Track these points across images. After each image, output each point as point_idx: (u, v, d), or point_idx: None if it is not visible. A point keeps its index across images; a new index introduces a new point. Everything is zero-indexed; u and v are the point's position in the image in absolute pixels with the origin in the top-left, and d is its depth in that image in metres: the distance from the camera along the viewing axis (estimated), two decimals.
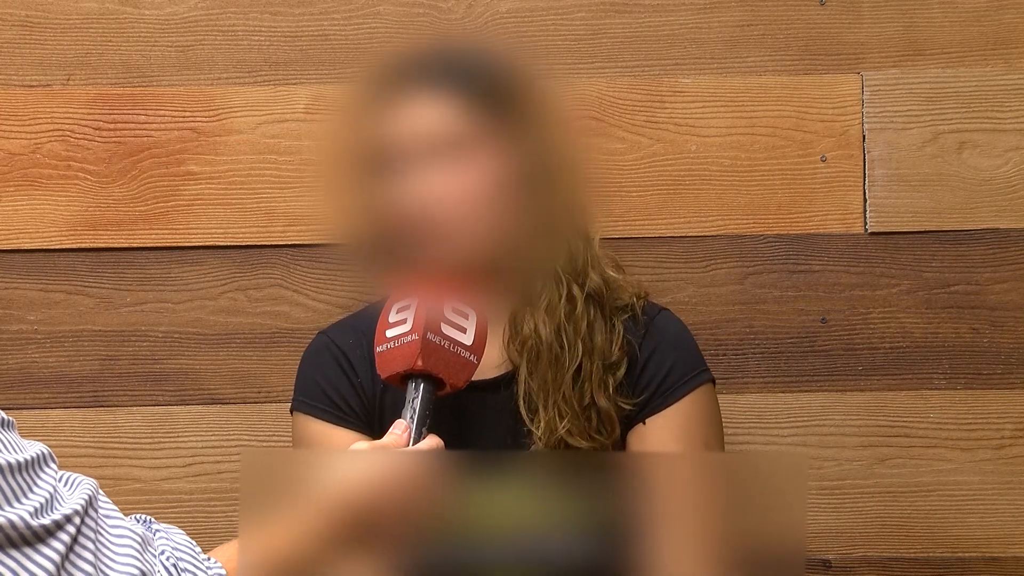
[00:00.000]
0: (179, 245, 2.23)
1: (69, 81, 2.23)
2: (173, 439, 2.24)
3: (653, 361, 1.89)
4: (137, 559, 1.36)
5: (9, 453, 1.31)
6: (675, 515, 1.33)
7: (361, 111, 1.84)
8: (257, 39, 2.24)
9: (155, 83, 2.23)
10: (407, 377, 1.69)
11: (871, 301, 2.24)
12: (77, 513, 1.33)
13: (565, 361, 1.84)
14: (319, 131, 2.21)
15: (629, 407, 1.87)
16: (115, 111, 2.23)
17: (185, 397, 2.24)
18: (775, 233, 2.24)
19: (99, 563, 1.34)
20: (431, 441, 1.64)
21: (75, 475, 1.39)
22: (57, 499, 1.33)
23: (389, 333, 1.71)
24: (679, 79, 2.24)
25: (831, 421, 2.25)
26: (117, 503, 1.41)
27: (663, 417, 1.88)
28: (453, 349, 1.69)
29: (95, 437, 2.23)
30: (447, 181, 1.79)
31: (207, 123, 2.23)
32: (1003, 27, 2.23)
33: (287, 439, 2.08)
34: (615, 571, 1.32)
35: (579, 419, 1.84)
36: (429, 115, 1.80)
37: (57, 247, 2.23)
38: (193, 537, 1.50)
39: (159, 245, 2.23)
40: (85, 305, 2.23)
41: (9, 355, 2.23)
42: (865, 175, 2.24)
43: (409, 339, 1.68)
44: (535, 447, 1.83)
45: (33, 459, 1.33)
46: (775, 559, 1.32)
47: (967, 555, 2.24)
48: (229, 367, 2.24)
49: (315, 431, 1.89)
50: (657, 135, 2.24)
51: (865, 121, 2.23)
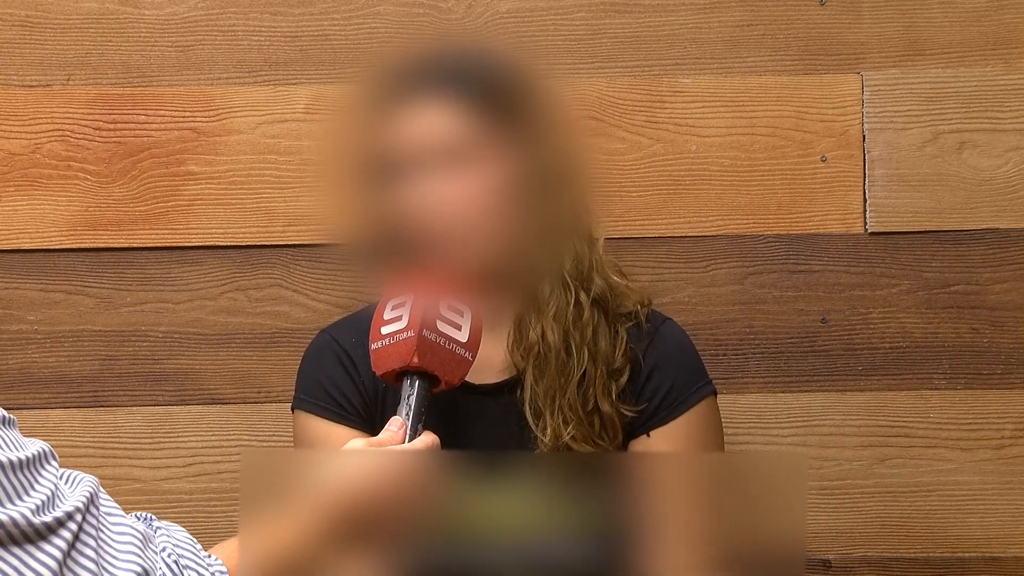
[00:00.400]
0: (179, 245, 2.23)
1: (69, 81, 2.23)
2: (173, 439, 2.24)
3: (657, 372, 1.89)
4: (139, 556, 1.36)
5: (10, 451, 1.31)
6: (675, 515, 1.33)
7: (364, 115, 1.83)
8: (257, 39, 2.24)
9: (155, 83, 2.23)
10: (403, 374, 1.69)
11: (871, 301, 2.24)
12: (79, 510, 1.33)
13: (572, 367, 1.84)
14: (319, 131, 2.21)
15: (631, 414, 1.87)
16: (115, 111, 2.23)
17: (185, 397, 2.24)
18: (775, 233, 2.24)
19: (101, 560, 1.34)
20: (427, 438, 1.64)
21: (76, 472, 1.39)
22: (58, 497, 1.33)
23: (384, 330, 1.70)
24: (679, 79, 2.24)
25: (831, 421, 2.25)
26: (117, 503, 1.41)
27: (666, 430, 1.88)
28: (449, 346, 1.69)
29: (95, 437, 2.23)
30: (452, 187, 1.79)
31: (207, 123, 2.23)
32: (1003, 27, 2.23)
33: (287, 439, 2.08)
34: (614, 571, 1.32)
35: (583, 424, 1.84)
36: (433, 122, 1.80)
37: (57, 247, 2.23)
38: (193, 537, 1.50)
39: (159, 245, 2.23)
40: (85, 305, 2.23)
41: (9, 355, 2.23)
42: (865, 175, 2.24)
43: (405, 336, 1.68)
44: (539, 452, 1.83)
45: (34, 457, 1.33)
46: (775, 559, 1.32)
47: (967, 555, 2.24)
48: (229, 367, 2.24)
49: (316, 429, 1.89)
50: (657, 135, 2.24)
51: (865, 121, 2.24)
